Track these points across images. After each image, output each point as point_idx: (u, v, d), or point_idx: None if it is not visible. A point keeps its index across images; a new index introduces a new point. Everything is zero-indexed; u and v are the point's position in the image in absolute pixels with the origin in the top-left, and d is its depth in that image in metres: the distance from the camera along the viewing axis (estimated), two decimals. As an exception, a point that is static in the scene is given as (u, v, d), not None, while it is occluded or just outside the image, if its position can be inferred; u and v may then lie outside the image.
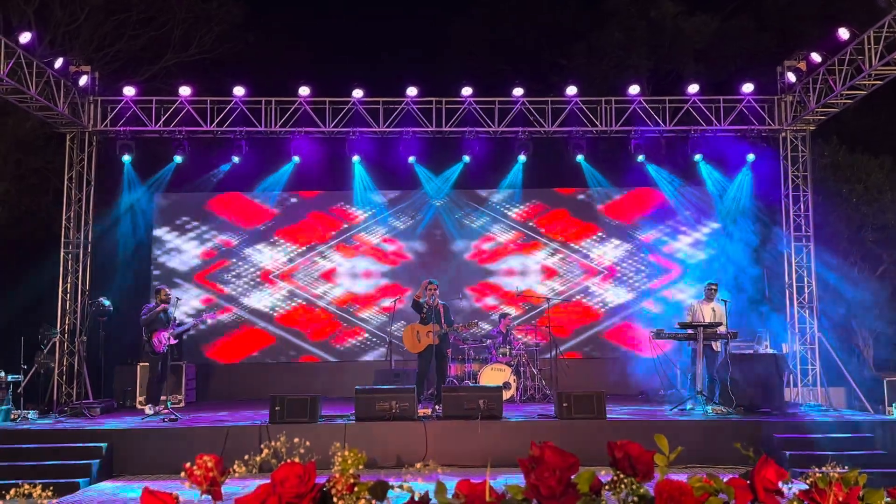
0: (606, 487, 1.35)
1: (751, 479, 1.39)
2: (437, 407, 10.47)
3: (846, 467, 1.53)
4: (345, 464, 1.26)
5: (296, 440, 1.39)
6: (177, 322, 11.33)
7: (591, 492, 1.35)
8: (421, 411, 10.20)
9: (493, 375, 12.02)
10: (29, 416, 10.81)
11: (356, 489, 1.25)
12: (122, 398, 12.38)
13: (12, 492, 1.39)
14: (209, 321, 11.40)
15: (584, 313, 14.84)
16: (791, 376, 12.58)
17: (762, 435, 9.54)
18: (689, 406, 10.93)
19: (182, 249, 14.71)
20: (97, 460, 9.04)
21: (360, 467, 1.27)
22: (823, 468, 1.44)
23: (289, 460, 1.28)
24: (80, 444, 9.30)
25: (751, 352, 11.72)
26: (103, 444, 9.28)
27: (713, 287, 11.61)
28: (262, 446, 1.40)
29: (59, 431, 9.72)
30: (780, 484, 1.37)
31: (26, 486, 1.36)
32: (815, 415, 10.93)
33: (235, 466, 1.35)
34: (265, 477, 1.51)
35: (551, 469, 1.25)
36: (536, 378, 12.62)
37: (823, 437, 9.63)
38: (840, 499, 1.36)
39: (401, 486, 1.28)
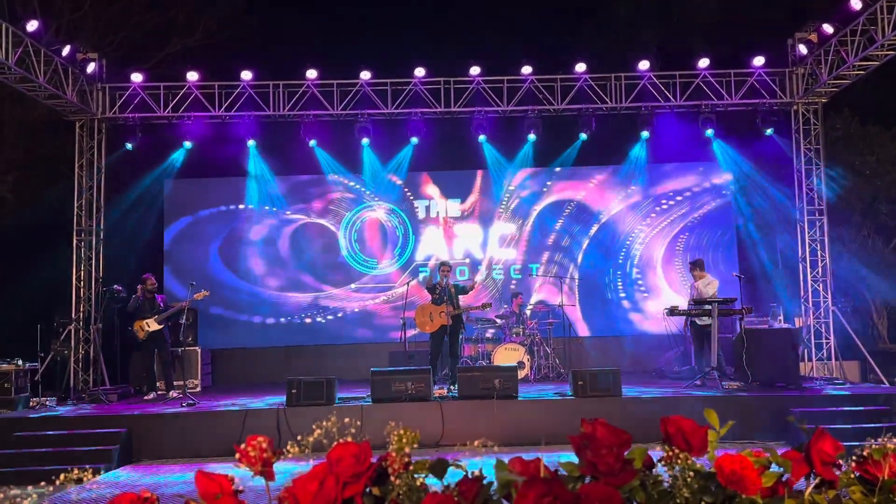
0: (662, 462, 1.34)
1: (807, 452, 1.37)
2: (452, 387, 10.51)
3: (871, 440, 1.51)
4: (400, 443, 1.25)
5: (346, 420, 1.38)
6: (162, 308, 11.35)
7: (644, 467, 1.34)
8: (436, 392, 10.24)
9: (507, 355, 12.04)
10: (47, 403, 10.89)
11: (411, 467, 1.25)
12: (138, 384, 12.43)
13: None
14: (198, 301, 11.39)
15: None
16: (805, 350, 12.56)
17: (779, 409, 9.52)
18: (698, 381, 10.94)
19: (193, 234, 14.73)
20: (117, 446, 9.11)
21: (415, 446, 1.26)
22: (879, 440, 1.43)
23: (341, 440, 1.28)
24: (100, 431, 9.36)
25: (765, 327, 11.69)
26: (122, 430, 9.35)
27: (691, 264, 11.74)
28: (314, 426, 1.39)
29: (79, 418, 9.79)
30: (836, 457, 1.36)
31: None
32: (831, 389, 10.91)
33: (289, 447, 1.34)
34: (301, 457, 1.50)
35: (608, 446, 1.24)
36: (550, 357, 12.64)
37: (839, 410, 9.62)
38: (896, 470, 1.35)
39: (456, 465, 1.27)
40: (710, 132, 13.49)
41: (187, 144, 13.43)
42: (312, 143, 13.52)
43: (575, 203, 14.92)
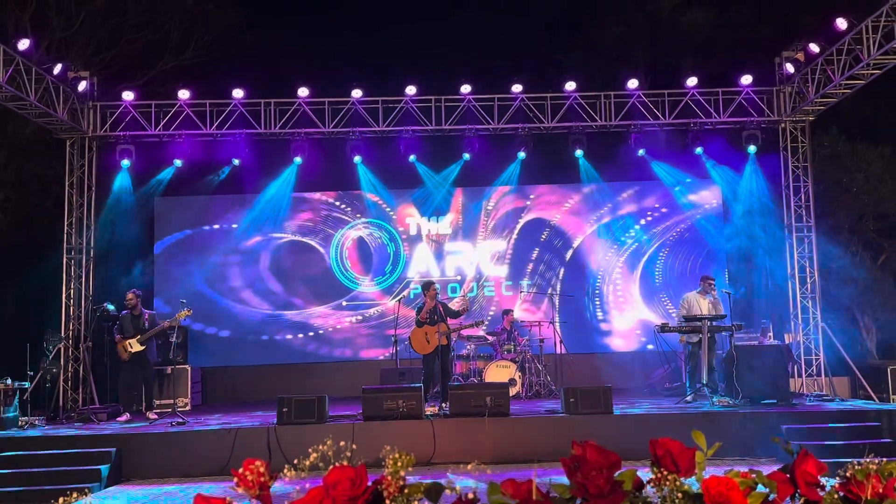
0: (651, 484, 1.37)
1: (791, 473, 1.40)
2: (443, 405, 10.49)
3: (854, 461, 1.54)
4: (395, 466, 1.27)
5: (342, 443, 1.41)
6: (147, 327, 11.16)
7: (634, 489, 1.37)
8: (428, 409, 10.22)
9: (499, 372, 12.04)
10: (37, 422, 10.82)
11: (407, 491, 1.27)
12: (128, 403, 12.35)
13: None
14: (181, 321, 11.22)
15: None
16: (795, 367, 12.61)
17: (770, 426, 9.55)
18: (689, 398, 10.96)
19: (183, 253, 14.69)
20: (107, 465, 9.06)
21: (410, 469, 1.28)
22: (861, 460, 1.46)
23: (338, 463, 1.30)
24: (90, 450, 9.30)
25: (756, 343, 11.74)
26: (112, 450, 9.29)
27: (709, 280, 11.69)
28: (310, 450, 1.41)
29: (68, 437, 9.73)
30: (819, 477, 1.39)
31: None
32: (821, 405, 10.96)
33: (286, 471, 1.36)
34: (296, 478, 1.52)
35: (597, 468, 1.27)
36: (542, 374, 12.65)
37: (830, 426, 9.66)
38: (879, 490, 1.38)
39: (450, 487, 1.29)
40: (699, 150, 13.59)
41: (177, 162, 13.45)
42: (298, 160, 13.54)
43: (556, 220, 14.96)
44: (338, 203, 14.97)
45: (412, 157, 13.72)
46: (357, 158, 13.59)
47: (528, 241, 14.94)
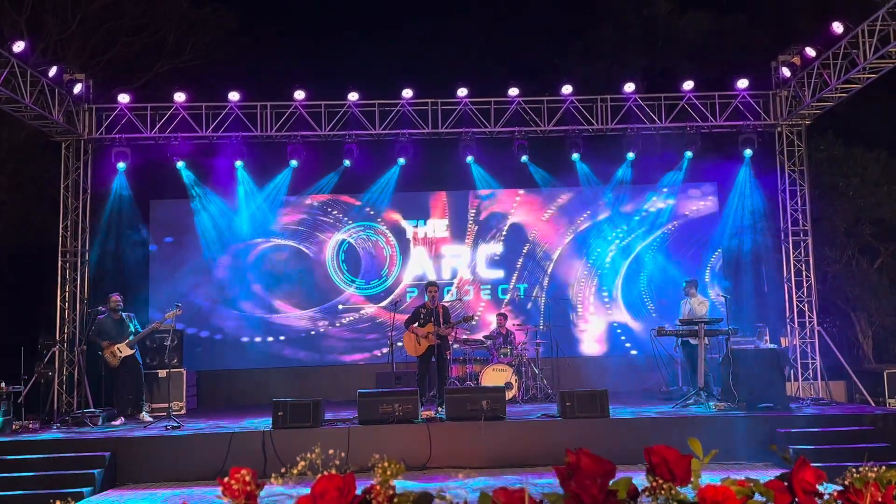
0: (646, 494, 1.34)
1: (789, 482, 1.38)
2: (439, 409, 10.47)
3: (875, 464, 1.52)
4: (384, 475, 1.25)
5: (330, 452, 1.38)
6: (131, 331, 11.03)
7: (629, 498, 1.34)
8: (424, 413, 10.19)
9: (495, 376, 12.01)
10: (30, 426, 10.76)
11: (396, 500, 1.24)
12: (123, 407, 12.28)
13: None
14: (168, 321, 11.12)
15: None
16: (791, 371, 12.59)
17: (766, 430, 9.54)
18: (689, 402, 10.95)
19: (177, 256, 14.64)
20: (101, 469, 9.01)
21: (399, 477, 1.26)
22: (860, 466, 1.44)
23: (326, 472, 1.27)
24: (84, 454, 9.26)
25: (752, 347, 11.72)
26: (106, 453, 9.24)
27: (687, 283, 11.82)
28: (298, 458, 1.39)
29: (62, 441, 9.68)
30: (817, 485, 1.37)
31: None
32: (817, 409, 10.95)
33: (273, 478, 1.34)
34: (285, 482, 1.50)
35: (591, 477, 1.24)
36: (538, 377, 12.62)
37: (826, 430, 9.65)
38: (878, 499, 1.36)
39: (441, 496, 1.27)
40: (688, 154, 13.54)
41: (179, 165, 13.39)
42: (294, 163, 13.48)
43: (545, 223, 14.93)
44: (333, 207, 14.94)
45: (400, 161, 13.63)
46: (346, 162, 13.52)
47: (517, 244, 14.92)
